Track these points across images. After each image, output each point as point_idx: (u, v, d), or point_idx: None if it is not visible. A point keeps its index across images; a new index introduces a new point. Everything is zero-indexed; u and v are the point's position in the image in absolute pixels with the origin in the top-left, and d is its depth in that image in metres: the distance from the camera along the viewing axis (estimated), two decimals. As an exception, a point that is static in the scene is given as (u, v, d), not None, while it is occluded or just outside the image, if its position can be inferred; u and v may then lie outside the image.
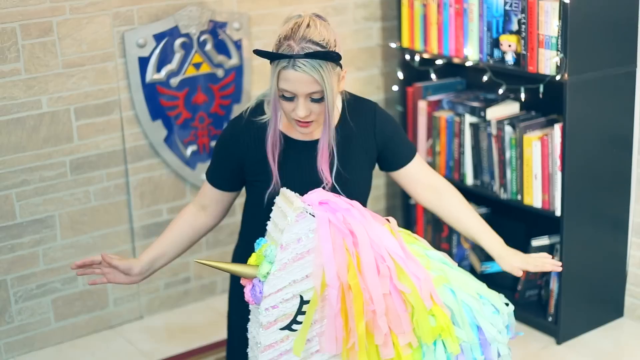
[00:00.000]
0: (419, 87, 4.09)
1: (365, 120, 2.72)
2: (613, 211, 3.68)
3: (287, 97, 2.50)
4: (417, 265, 2.46)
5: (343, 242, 2.38)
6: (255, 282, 2.39)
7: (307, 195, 2.42)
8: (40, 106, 3.52)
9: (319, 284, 2.37)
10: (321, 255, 2.36)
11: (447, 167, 3.98)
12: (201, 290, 4.11)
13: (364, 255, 2.38)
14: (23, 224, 3.59)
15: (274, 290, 2.37)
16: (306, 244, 2.37)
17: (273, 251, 2.37)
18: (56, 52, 3.51)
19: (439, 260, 2.58)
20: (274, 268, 2.36)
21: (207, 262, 2.42)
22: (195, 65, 3.82)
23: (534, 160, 3.57)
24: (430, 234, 4.20)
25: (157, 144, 3.81)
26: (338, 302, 2.36)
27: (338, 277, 2.36)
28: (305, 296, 2.39)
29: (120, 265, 2.63)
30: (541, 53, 3.42)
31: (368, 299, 2.37)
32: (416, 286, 2.42)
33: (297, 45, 2.45)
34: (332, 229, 2.38)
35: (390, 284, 2.40)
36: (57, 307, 3.74)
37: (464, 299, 2.51)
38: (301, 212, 2.36)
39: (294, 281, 2.38)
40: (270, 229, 2.46)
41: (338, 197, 2.45)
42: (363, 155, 2.72)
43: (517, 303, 3.78)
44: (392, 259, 2.42)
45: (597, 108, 3.49)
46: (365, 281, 2.37)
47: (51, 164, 3.60)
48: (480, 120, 3.80)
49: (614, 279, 3.77)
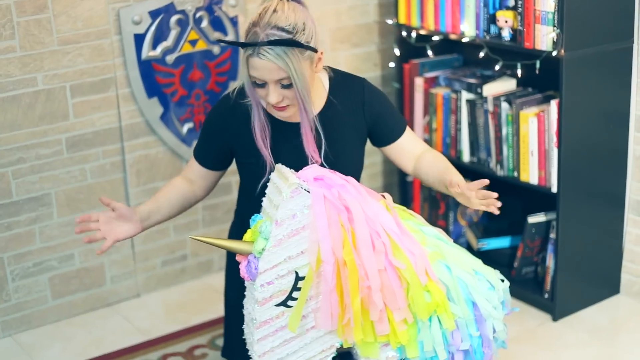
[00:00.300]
0: (416, 64, 4.07)
1: (354, 97, 2.72)
2: (609, 188, 3.67)
3: (259, 84, 2.50)
4: (413, 241, 2.46)
5: (338, 218, 2.38)
6: (251, 258, 2.40)
7: (302, 171, 2.42)
8: (36, 84, 3.51)
9: (314, 260, 2.37)
10: (316, 231, 2.36)
11: (444, 144, 3.97)
12: (198, 268, 4.11)
13: (359, 231, 2.38)
14: (19, 202, 3.58)
15: (269, 267, 2.37)
16: (301, 220, 2.37)
17: (268, 227, 2.37)
18: (51, 29, 3.49)
19: (434, 236, 2.58)
20: (269, 244, 2.36)
21: (202, 239, 2.42)
22: (191, 42, 3.80)
23: (531, 136, 3.56)
24: (427, 211, 4.20)
25: (153, 122, 3.80)
26: (333, 278, 2.37)
27: (333, 253, 2.36)
28: (301, 272, 2.39)
29: (122, 208, 2.60)
30: (537, 29, 3.41)
31: (363, 275, 2.38)
32: (411, 262, 2.43)
33: (262, 32, 2.44)
34: (327, 205, 2.38)
35: (385, 260, 2.40)
36: (54, 285, 3.74)
37: (460, 275, 2.51)
38: (296, 188, 2.36)
39: (289, 257, 2.38)
40: (265, 205, 2.46)
41: (333, 173, 2.45)
42: (353, 132, 2.71)
43: (514, 280, 3.79)
44: (387, 235, 2.43)
45: (594, 84, 3.48)
46: (360, 257, 2.38)
47: (47, 141, 3.59)
48: (477, 97, 3.79)
49: (610, 255, 3.77)
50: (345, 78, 2.74)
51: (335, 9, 4.16)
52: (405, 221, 2.54)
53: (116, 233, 2.63)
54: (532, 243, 3.74)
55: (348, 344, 2.48)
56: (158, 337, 3.65)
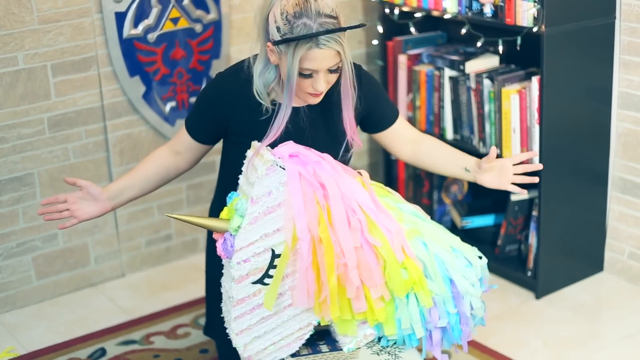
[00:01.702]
0: (399, 41, 4.06)
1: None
2: (592, 165, 3.67)
3: (306, 75, 2.47)
4: (389, 218, 2.46)
5: (314, 195, 2.38)
6: (227, 236, 2.40)
7: (277, 148, 2.42)
8: (17, 63, 3.50)
9: (290, 237, 2.37)
10: (292, 208, 2.36)
11: (427, 122, 3.96)
12: (183, 248, 4.11)
13: (334, 208, 2.38)
14: (2, 182, 3.57)
15: (245, 244, 2.37)
16: (277, 197, 2.37)
17: (244, 205, 2.37)
18: (31, 7, 3.48)
19: (412, 213, 2.58)
20: (244, 222, 2.36)
21: (178, 216, 2.42)
22: (172, 20, 3.78)
23: (513, 113, 3.55)
24: (412, 190, 4.20)
25: (135, 101, 3.78)
26: (309, 255, 2.37)
27: (309, 230, 2.36)
28: (277, 250, 2.39)
29: (88, 186, 2.59)
30: (518, 4, 3.40)
31: (339, 252, 2.38)
32: (388, 239, 2.42)
33: (314, 22, 2.39)
34: (302, 182, 2.38)
35: (361, 237, 2.40)
36: (37, 265, 3.74)
37: (437, 252, 2.51)
38: (271, 165, 2.35)
39: (265, 235, 2.38)
40: (241, 183, 2.46)
41: (308, 150, 2.44)
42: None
43: (497, 258, 3.79)
44: (363, 212, 2.42)
45: (576, 60, 3.47)
46: (336, 234, 2.38)
47: (29, 121, 3.58)
48: (460, 74, 3.78)
49: (594, 233, 3.77)
50: None
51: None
52: (382, 198, 2.53)
53: (82, 213, 2.63)
54: (515, 221, 3.75)
55: (325, 322, 2.48)
56: (141, 317, 3.65)
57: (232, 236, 2.38)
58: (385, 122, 2.79)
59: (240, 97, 2.58)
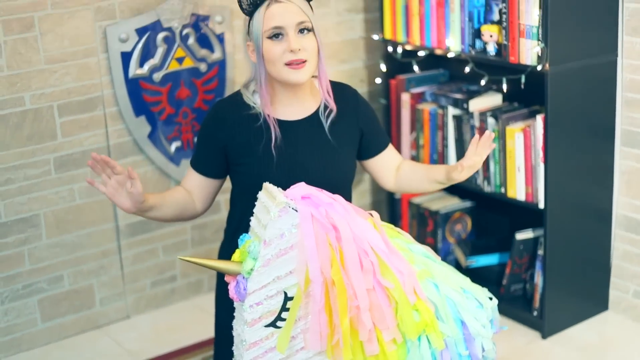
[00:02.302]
0: (402, 80, 4.08)
1: (348, 103, 2.76)
2: (596, 203, 3.68)
3: (277, 37, 2.53)
4: (401, 260, 2.46)
5: (326, 237, 2.38)
6: (239, 278, 2.39)
7: (289, 189, 2.42)
8: (23, 103, 3.51)
9: (302, 280, 2.36)
10: (304, 250, 2.36)
11: (431, 160, 3.98)
12: (188, 289, 4.10)
13: (347, 250, 2.38)
14: (8, 224, 3.57)
15: (258, 287, 2.36)
16: (289, 240, 2.36)
17: (256, 247, 2.37)
18: (38, 47, 3.49)
19: (422, 254, 2.58)
20: (257, 264, 2.35)
21: (191, 259, 2.41)
22: (178, 60, 3.80)
23: (517, 152, 3.57)
24: (416, 229, 4.20)
25: (141, 140, 3.79)
26: (322, 297, 2.36)
27: (321, 272, 2.36)
28: (289, 292, 2.38)
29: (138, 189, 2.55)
30: (522, 43, 3.42)
31: (352, 295, 2.37)
32: (400, 281, 2.42)
33: None
34: (315, 224, 2.38)
35: (373, 279, 2.40)
36: (43, 307, 3.73)
37: (448, 294, 2.50)
38: (284, 207, 2.35)
39: (278, 277, 2.37)
40: (253, 225, 2.46)
41: (320, 192, 2.45)
42: (348, 138, 2.74)
43: (502, 297, 3.79)
44: (375, 254, 2.42)
45: (579, 98, 3.49)
46: (348, 276, 2.37)
47: (35, 162, 3.58)
48: (463, 112, 3.79)
49: (598, 271, 3.77)
50: (336, 85, 2.78)
51: (322, 25, 4.17)
52: (393, 239, 2.53)
53: (117, 195, 2.57)
54: (520, 260, 3.75)
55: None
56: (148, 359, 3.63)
57: (244, 279, 2.37)
58: (376, 148, 2.83)
59: (236, 118, 2.66)
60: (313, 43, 2.58)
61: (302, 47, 2.55)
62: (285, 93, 2.65)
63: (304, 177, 2.53)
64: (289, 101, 2.67)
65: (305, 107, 2.69)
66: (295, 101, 2.67)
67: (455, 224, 4.11)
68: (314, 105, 2.70)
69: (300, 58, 2.56)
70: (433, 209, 4.07)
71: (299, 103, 2.68)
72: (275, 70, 2.58)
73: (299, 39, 2.56)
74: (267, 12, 2.54)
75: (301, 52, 2.55)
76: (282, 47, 2.55)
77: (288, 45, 2.54)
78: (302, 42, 2.56)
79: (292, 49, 2.54)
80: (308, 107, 2.70)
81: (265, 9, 2.54)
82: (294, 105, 2.68)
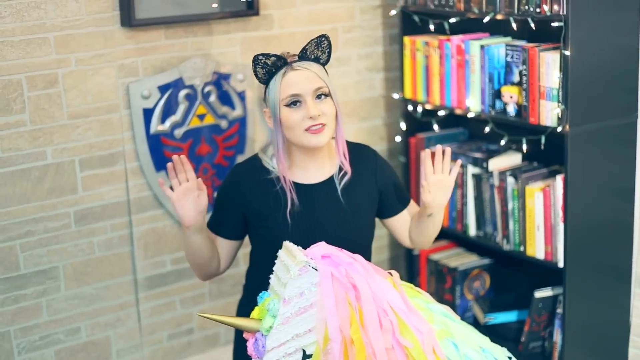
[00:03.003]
0: (422, 138, 4.11)
1: (366, 164, 2.77)
2: (616, 262, 3.67)
3: (294, 105, 2.54)
4: (420, 319, 2.47)
5: (346, 296, 2.39)
6: (258, 336, 2.40)
7: (309, 249, 2.44)
8: (45, 157, 3.54)
9: (321, 338, 2.37)
10: (324, 309, 2.37)
11: (450, 218, 3.98)
12: (204, 342, 4.10)
13: (366, 309, 2.39)
14: (27, 275, 3.59)
15: (276, 345, 2.37)
16: (309, 298, 2.37)
17: (276, 305, 2.38)
18: (61, 103, 3.53)
19: (442, 313, 2.58)
20: (276, 322, 2.36)
21: (210, 316, 2.43)
22: (199, 117, 3.84)
23: (537, 211, 3.57)
24: (434, 285, 4.19)
25: (161, 195, 3.82)
26: (341, 356, 2.37)
27: (341, 331, 2.37)
28: (308, 350, 2.39)
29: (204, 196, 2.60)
30: (542, 104, 3.44)
31: (371, 354, 2.37)
32: (419, 340, 2.42)
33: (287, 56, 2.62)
34: (334, 283, 2.39)
35: (392, 339, 2.40)
36: (60, 358, 3.73)
37: (467, 353, 2.50)
38: (304, 266, 2.37)
39: (297, 335, 2.38)
40: (273, 283, 2.47)
41: (340, 251, 2.46)
42: (366, 199, 2.76)
43: (521, 355, 3.77)
44: (394, 313, 2.43)
45: (599, 159, 3.50)
46: (367, 335, 2.38)
47: (55, 215, 3.61)
48: (483, 171, 3.81)
49: (618, 330, 3.76)
50: (355, 146, 2.80)
51: (342, 83, 4.20)
52: (412, 299, 2.54)
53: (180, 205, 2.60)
54: (539, 318, 3.73)
55: (356, 423, 2.46)
56: (164, 412, 3.64)
57: (263, 336, 2.38)
58: (393, 209, 2.86)
59: (254, 182, 2.68)
60: (331, 107, 2.60)
61: (320, 113, 2.58)
62: (303, 157, 2.68)
63: (322, 239, 2.54)
64: (306, 164, 2.69)
65: (323, 170, 2.71)
66: (313, 164, 2.69)
67: (473, 281, 4.11)
68: (332, 167, 2.73)
69: (320, 122, 2.58)
70: (451, 265, 4.07)
71: (317, 166, 2.70)
72: (294, 136, 2.60)
73: (317, 105, 2.57)
74: (284, 80, 2.56)
75: (320, 117, 2.58)
76: (301, 114, 2.57)
77: (307, 112, 2.56)
78: (321, 107, 2.58)
79: (311, 115, 2.55)
80: (326, 170, 2.72)
81: (281, 77, 2.56)
82: (312, 169, 2.70)
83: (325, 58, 2.65)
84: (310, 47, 2.62)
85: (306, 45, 2.61)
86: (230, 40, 3.88)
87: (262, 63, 2.59)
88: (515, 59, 3.56)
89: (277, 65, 2.58)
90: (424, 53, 3.93)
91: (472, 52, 3.70)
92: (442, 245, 4.23)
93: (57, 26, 3.47)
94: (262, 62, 2.58)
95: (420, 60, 3.96)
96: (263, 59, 2.58)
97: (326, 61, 2.66)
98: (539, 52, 3.42)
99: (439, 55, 3.86)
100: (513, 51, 3.57)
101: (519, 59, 3.54)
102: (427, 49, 3.92)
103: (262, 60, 2.58)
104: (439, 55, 3.85)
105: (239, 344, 2.82)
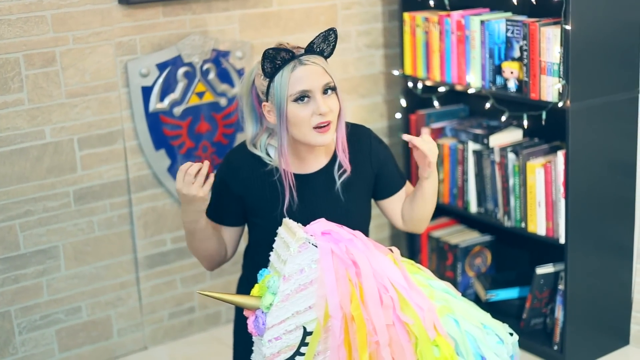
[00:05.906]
0: (422, 115, 4.09)
1: (362, 146, 2.76)
2: (617, 238, 3.66)
3: (302, 100, 2.52)
4: (421, 296, 2.46)
5: (346, 273, 2.38)
6: (258, 313, 2.39)
7: (309, 225, 2.43)
8: (44, 136, 3.53)
9: (322, 315, 2.36)
10: (324, 286, 2.36)
11: (451, 195, 3.97)
12: (205, 320, 4.09)
13: (366, 286, 2.38)
14: (27, 255, 3.58)
15: (277, 322, 2.36)
16: (309, 275, 2.37)
17: (276, 282, 2.37)
18: (59, 82, 3.52)
19: (443, 290, 2.58)
20: (276, 299, 2.36)
21: (210, 294, 2.42)
22: (198, 94, 3.82)
23: (538, 187, 3.56)
24: (435, 262, 4.19)
25: (160, 174, 3.80)
26: (341, 333, 2.36)
27: (341, 308, 2.36)
28: (309, 327, 2.38)
29: (204, 194, 2.56)
30: (543, 80, 3.42)
31: (371, 330, 2.37)
32: (419, 317, 2.42)
33: (293, 49, 2.56)
34: (334, 260, 2.38)
35: (393, 315, 2.40)
36: (60, 338, 3.73)
37: (468, 329, 2.50)
38: (304, 243, 2.36)
39: (297, 312, 2.37)
40: (273, 260, 2.46)
41: (341, 228, 2.45)
42: (362, 183, 2.74)
43: (522, 332, 3.76)
44: (395, 289, 2.42)
45: (600, 134, 3.48)
46: (368, 312, 2.37)
47: (55, 194, 3.59)
48: (484, 148, 3.79)
49: (619, 306, 3.75)
50: (353, 128, 2.78)
51: (342, 60, 4.18)
52: (413, 275, 2.53)
53: None
54: (540, 294, 3.73)
55: (357, 400, 2.46)
56: (165, 391, 3.64)
57: (263, 314, 2.38)
58: (388, 191, 2.83)
59: (251, 170, 2.66)
60: (336, 102, 2.58)
61: (329, 109, 2.55)
62: (304, 150, 2.66)
63: None
64: (304, 155, 2.67)
65: (319, 159, 2.70)
66: (310, 155, 2.68)
67: (475, 258, 4.10)
68: (328, 155, 2.71)
69: (328, 120, 2.55)
70: (452, 242, 4.06)
71: (314, 156, 2.68)
72: (300, 133, 2.57)
73: (325, 101, 2.55)
74: (293, 75, 2.51)
75: (328, 114, 2.55)
76: (310, 110, 2.53)
77: (316, 107, 2.53)
78: (328, 102, 2.55)
79: (321, 112, 2.52)
80: (322, 159, 2.70)
81: (290, 72, 2.52)
82: (308, 158, 2.68)
83: (329, 51, 2.62)
84: (318, 41, 2.58)
85: (314, 39, 2.56)
86: (228, 17, 3.86)
87: (271, 57, 2.53)
88: (516, 34, 3.54)
89: (285, 59, 2.54)
90: (424, 29, 3.91)
91: (472, 27, 3.68)
92: (443, 222, 4.22)
93: (55, 4, 3.45)
94: (272, 56, 2.53)
95: (420, 37, 3.93)
96: (273, 53, 2.52)
97: (329, 54, 2.62)
98: (539, 27, 3.40)
99: (438, 31, 3.83)
100: (513, 26, 3.55)
101: (520, 34, 3.52)
102: (426, 24, 3.89)
103: (271, 54, 2.52)
104: (439, 31, 3.83)
105: (240, 321, 2.81)
